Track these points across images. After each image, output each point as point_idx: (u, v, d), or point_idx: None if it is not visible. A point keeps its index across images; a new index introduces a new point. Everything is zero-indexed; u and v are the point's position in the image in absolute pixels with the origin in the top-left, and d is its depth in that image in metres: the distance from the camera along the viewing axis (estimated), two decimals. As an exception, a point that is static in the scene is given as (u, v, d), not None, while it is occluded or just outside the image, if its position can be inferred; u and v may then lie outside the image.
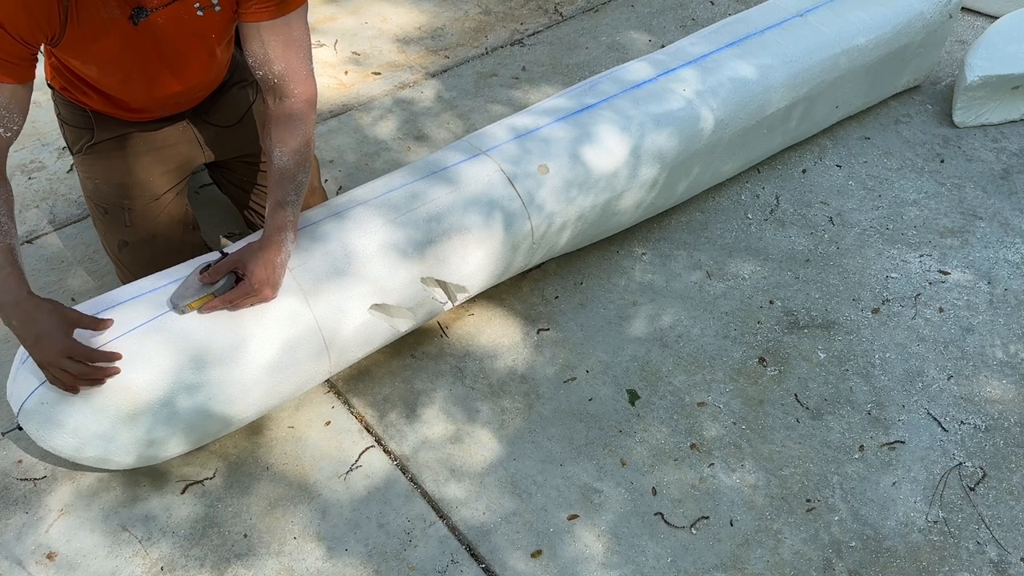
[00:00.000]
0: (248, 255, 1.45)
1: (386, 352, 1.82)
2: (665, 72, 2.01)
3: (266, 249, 1.45)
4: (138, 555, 1.49)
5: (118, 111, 1.61)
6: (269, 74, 1.45)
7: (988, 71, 2.32)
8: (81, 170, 1.69)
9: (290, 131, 1.47)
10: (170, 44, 1.44)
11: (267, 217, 1.48)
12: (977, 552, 1.53)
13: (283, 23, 1.42)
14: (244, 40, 1.45)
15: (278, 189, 1.48)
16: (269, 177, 1.50)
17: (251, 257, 1.44)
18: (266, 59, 1.43)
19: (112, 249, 1.74)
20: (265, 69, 1.44)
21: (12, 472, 1.60)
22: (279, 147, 1.48)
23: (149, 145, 1.67)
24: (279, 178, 1.48)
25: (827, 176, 2.30)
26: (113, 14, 1.32)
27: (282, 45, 1.43)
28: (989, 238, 2.12)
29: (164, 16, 1.37)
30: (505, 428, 1.70)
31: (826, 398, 1.77)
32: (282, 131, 1.47)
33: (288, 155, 1.48)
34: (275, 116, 1.48)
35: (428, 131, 2.45)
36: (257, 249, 1.45)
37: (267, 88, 1.47)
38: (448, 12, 2.97)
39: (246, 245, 1.48)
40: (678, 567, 1.50)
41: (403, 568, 1.48)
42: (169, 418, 1.44)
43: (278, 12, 1.40)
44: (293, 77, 1.45)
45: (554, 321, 1.91)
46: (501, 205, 1.72)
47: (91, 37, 1.34)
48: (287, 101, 1.47)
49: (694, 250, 2.08)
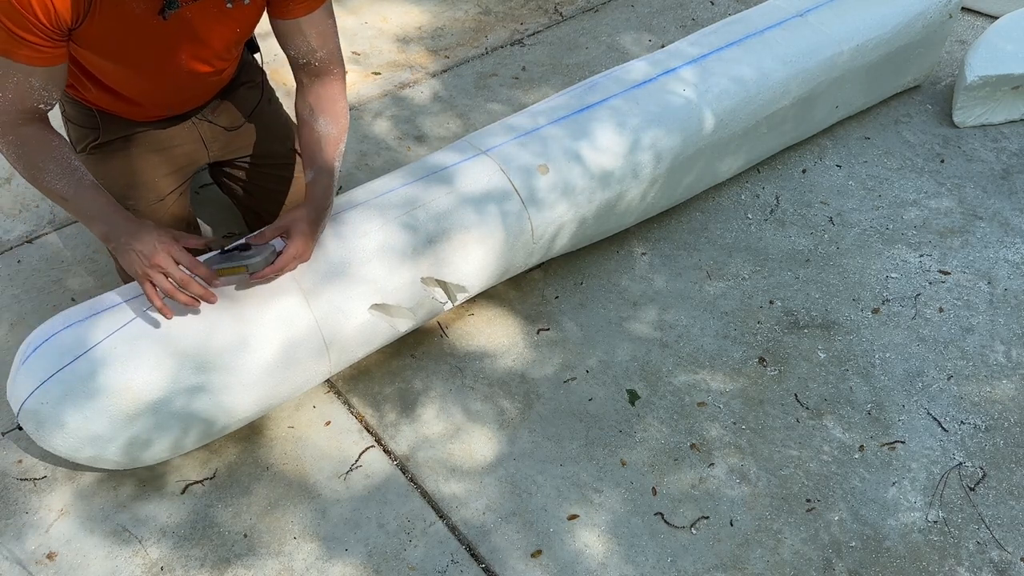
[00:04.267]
0: (294, 221, 1.48)
1: (386, 352, 1.82)
2: (665, 72, 2.01)
3: (313, 213, 1.50)
4: (138, 555, 1.49)
5: (126, 108, 1.60)
6: (312, 60, 1.51)
7: (988, 71, 2.32)
8: None
9: (331, 102, 1.55)
10: (194, 38, 1.44)
11: (311, 184, 1.52)
12: (977, 552, 1.53)
13: (323, 13, 1.48)
14: (285, 36, 1.49)
15: (321, 155, 1.53)
16: (308, 146, 1.54)
17: (298, 222, 1.48)
18: (309, 49, 1.49)
19: None
20: (308, 57, 1.51)
21: (12, 472, 1.60)
22: (322, 117, 1.54)
23: (155, 145, 1.67)
24: (323, 144, 1.53)
25: (827, 176, 2.30)
26: (140, 7, 1.32)
27: (323, 33, 1.49)
28: (989, 238, 2.12)
29: (193, 10, 1.37)
30: (505, 428, 1.70)
31: (826, 398, 1.77)
32: (324, 103, 1.54)
33: (331, 123, 1.54)
34: (314, 91, 1.55)
35: (428, 131, 2.45)
36: (303, 215, 1.49)
37: (306, 71, 1.53)
38: (448, 12, 2.97)
39: (291, 212, 1.51)
40: (678, 567, 1.50)
41: (403, 568, 1.48)
42: (169, 418, 1.44)
43: (317, 3, 1.45)
44: (332, 59, 1.53)
45: (554, 321, 1.91)
46: (501, 205, 1.72)
47: (113, 29, 1.34)
48: (326, 78, 1.54)
49: (694, 250, 2.08)
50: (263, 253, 1.44)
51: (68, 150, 1.38)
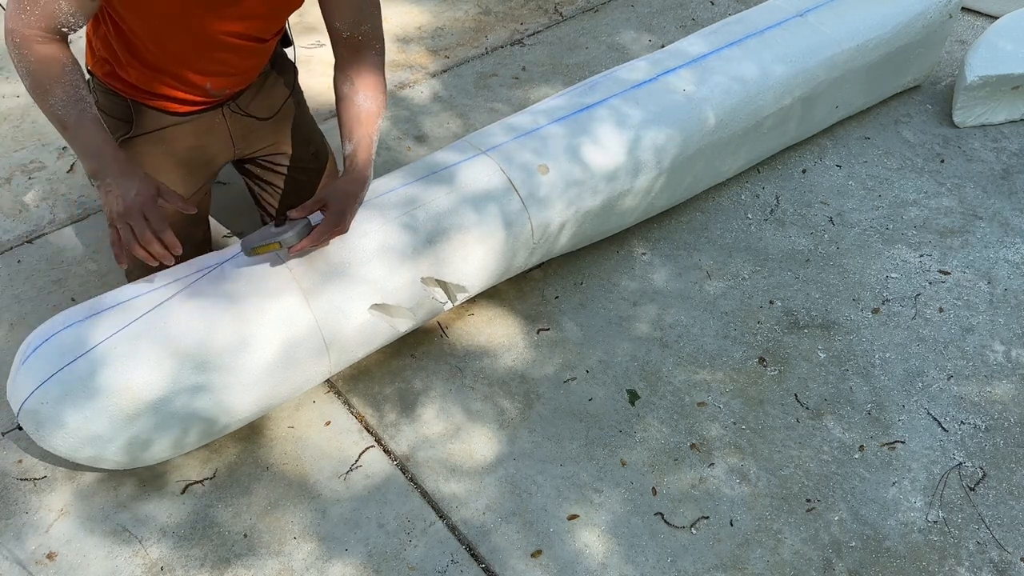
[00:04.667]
0: (333, 194, 1.49)
1: (386, 352, 1.82)
2: (665, 72, 2.01)
3: (352, 186, 1.51)
4: (138, 555, 1.49)
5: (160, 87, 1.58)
6: (356, 33, 1.53)
7: (988, 71, 2.32)
8: None
9: (372, 77, 1.56)
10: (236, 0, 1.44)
11: (350, 157, 1.53)
12: (977, 552, 1.53)
13: None
14: (331, 6, 1.51)
15: (360, 129, 1.54)
16: (347, 121, 1.55)
17: (336, 196, 1.49)
18: (354, 21, 1.52)
19: None
20: (352, 30, 1.53)
21: (12, 472, 1.60)
22: (362, 91, 1.55)
23: (184, 142, 1.67)
24: (362, 118, 1.55)
25: (827, 176, 2.30)
26: None
27: (368, 6, 1.53)
28: (989, 238, 2.12)
29: None
30: (505, 428, 1.70)
31: (826, 398, 1.77)
32: (365, 77, 1.56)
33: (370, 98, 1.56)
34: (355, 66, 1.56)
35: (428, 131, 2.45)
36: (342, 188, 1.50)
37: (348, 44, 1.55)
38: (448, 12, 2.97)
39: (330, 185, 1.52)
40: (678, 567, 1.50)
41: (403, 568, 1.48)
42: (169, 418, 1.44)
43: None
44: (375, 34, 1.55)
45: (554, 321, 1.91)
46: (501, 205, 1.72)
47: None
48: (367, 53, 1.56)
49: (694, 250, 2.08)
50: (296, 228, 1.46)
51: (79, 78, 1.39)
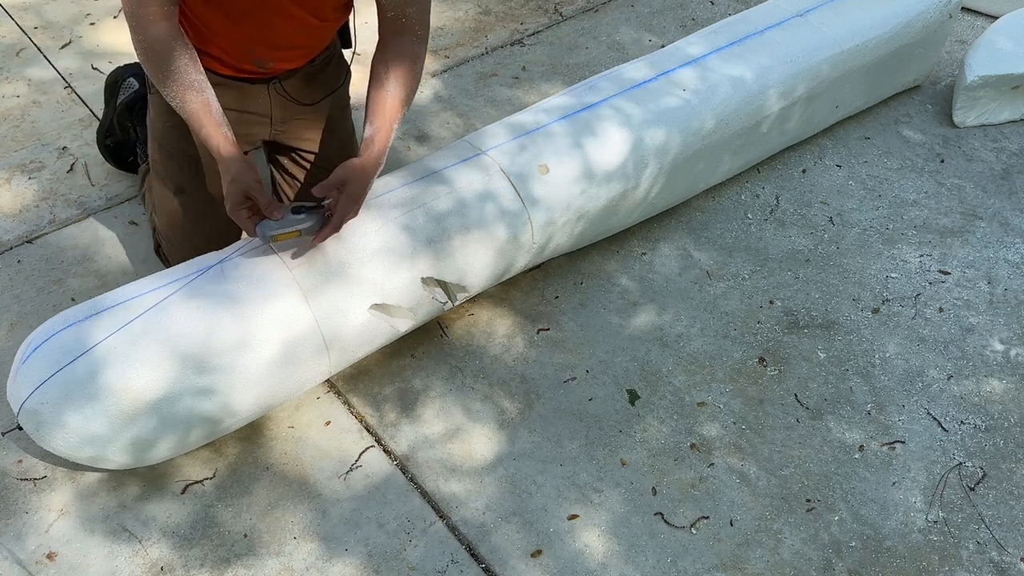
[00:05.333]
0: (349, 176, 1.48)
1: (386, 352, 1.82)
2: (665, 72, 2.01)
3: (368, 169, 1.50)
4: (138, 555, 1.49)
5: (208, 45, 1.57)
6: (400, 14, 1.52)
7: (988, 71, 2.32)
8: (154, 109, 1.69)
9: (410, 62, 1.55)
10: None
11: (368, 141, 1.52)
12: (977, 552, 1.53)
13: None
14: None
15: (384, 114, 1.54)
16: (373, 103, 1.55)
17: (355, 175, 1.48)
18: (402, 2, 1.51)
19: (165, 199, 1.74)
20: (398, 10, 1.52)
21: (12, 472, 1.60)
22: (395, 76, 1.54)
23: (226, 103, 1.65)
24: (388, 104, 1.54)
25: (827, 176, 2.30)
26: None
27: None
28: (989, 238, 2.12)
29: None
30: (505, 428, 1.70)
31: (826, 398, 1.77)
32: (402, 61, 1.55)
33: (401, 85, 1.55)
34: (395, 48, 1.55)
35: (428, 131, 2.45)
36: (357, 172, 1.49)
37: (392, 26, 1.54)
38: (448, 12, 2.97)
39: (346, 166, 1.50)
40: (678, 567, 1.50)
41: (403, 568, 1.48)
42: (169, 418, 1.44)
43: None
44: (420, 20, 1.54)
45: (554, 321, 1.91)
46: (501, 205, 1.72)
47: None
48: (408, 37, 1.54)
49: (694, 250, 2.08)
50: (314, 216, 1.47)
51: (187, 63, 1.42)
